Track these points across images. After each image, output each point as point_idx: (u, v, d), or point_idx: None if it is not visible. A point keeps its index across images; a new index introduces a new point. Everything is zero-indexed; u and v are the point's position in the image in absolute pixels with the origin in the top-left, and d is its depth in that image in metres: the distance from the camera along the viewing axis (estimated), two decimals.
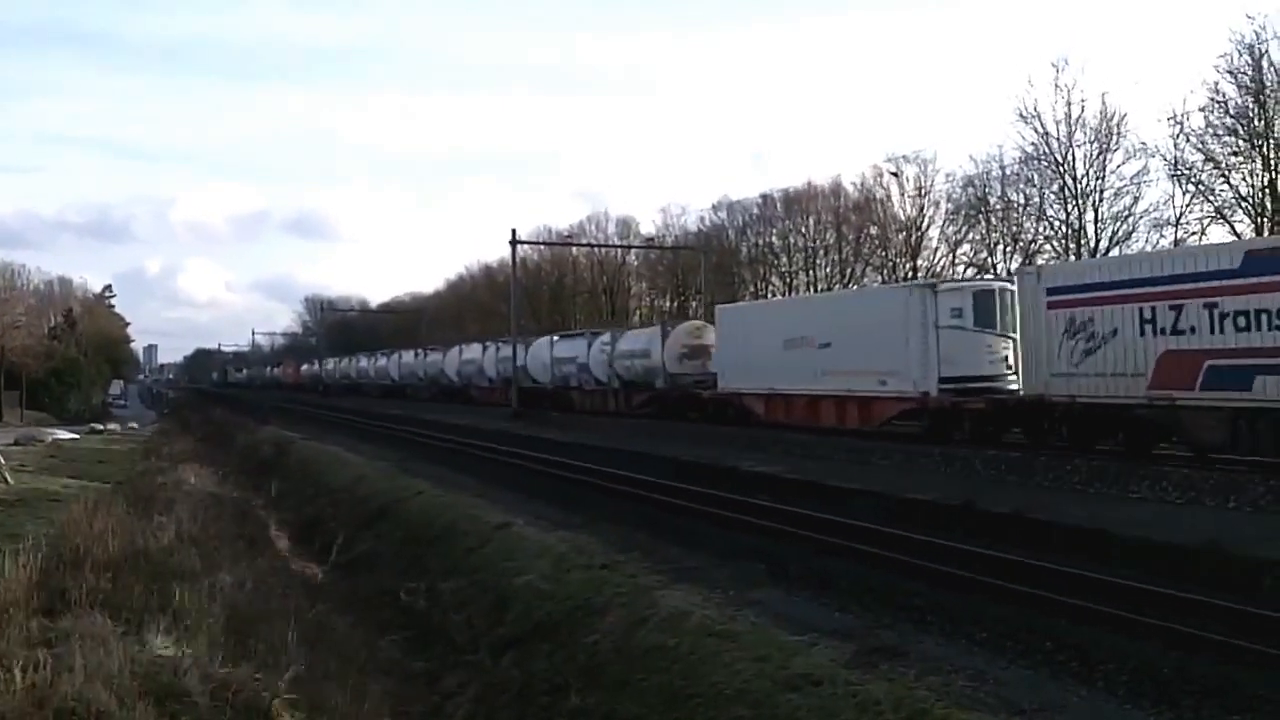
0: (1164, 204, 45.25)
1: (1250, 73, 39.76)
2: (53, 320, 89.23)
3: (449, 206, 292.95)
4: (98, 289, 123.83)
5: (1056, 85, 47.14)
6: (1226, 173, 41.44)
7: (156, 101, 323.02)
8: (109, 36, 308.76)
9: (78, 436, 49.43)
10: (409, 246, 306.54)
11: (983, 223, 53.71)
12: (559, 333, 61.61)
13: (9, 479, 25.51)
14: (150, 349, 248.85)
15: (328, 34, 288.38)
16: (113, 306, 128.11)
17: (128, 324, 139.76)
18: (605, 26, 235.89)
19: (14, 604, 10.92)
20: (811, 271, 67.12)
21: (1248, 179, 41.21)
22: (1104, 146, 47.13)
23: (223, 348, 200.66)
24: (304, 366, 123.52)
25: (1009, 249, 52.18)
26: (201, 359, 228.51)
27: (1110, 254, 46.96)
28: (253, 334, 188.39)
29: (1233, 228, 41.92)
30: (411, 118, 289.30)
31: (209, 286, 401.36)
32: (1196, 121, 41.33)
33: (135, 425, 72.75)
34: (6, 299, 72.05)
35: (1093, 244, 47.51)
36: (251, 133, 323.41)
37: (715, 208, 74.54)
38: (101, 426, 62.31)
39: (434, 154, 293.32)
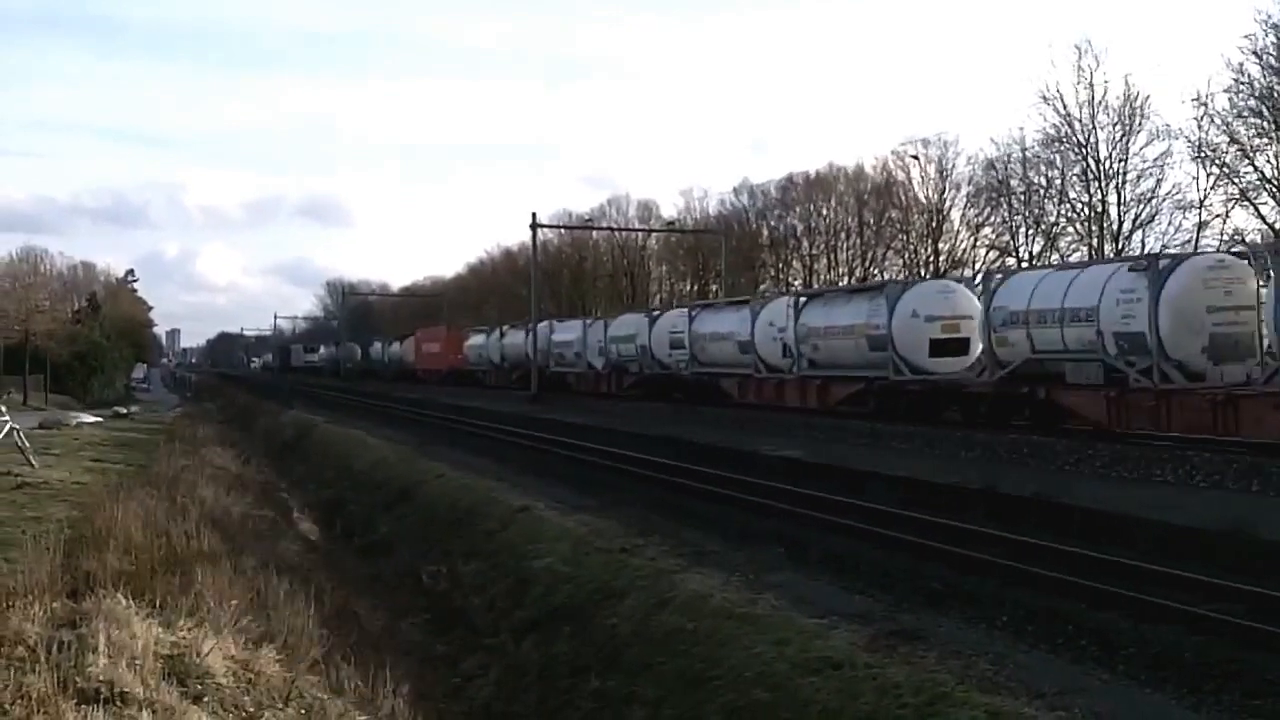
0: (1188, 186, 44.99)
1: (1276, 53, 39.41)
2: (76, 305, 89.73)
3: (463, 191, 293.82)
4: (120, 273, 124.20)
5: (1079, 67, 46.87)
6: (1251, 154, 41.13)
7: (165, 86, 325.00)
8: (115, 21, 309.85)
9: (101, 420, 49.64)
10: (425, 230, 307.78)
11: (1004, 206, 53.49)
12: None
13: (34, 462, 25.68)
14: (173, 333, 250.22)
15: (334, 19, 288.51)
16: (135, 291, 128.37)
17: (150, 308, 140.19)
18: (613, 10, 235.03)
19: (38, 586, 10.99)
20: (832, 255, 66.99)
21: (1272, 161, 40.90)
22: (1127, 128, 46.90)
23: (245, 331, 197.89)
24: (473, 339, 71.96)
25: (1031, 232, 52.00)
26: (224, 343, 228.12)
27: (1134, 236, 46.75)
28: (275, 318, 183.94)
29: (1257, 210, 41.66)
30: (421, 103, 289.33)
31: (227, 270, 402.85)
32: (1221, 103, 41.04)
33: (158, 409, 73.11)
34: (31, 284, 72.47)
35: (1115, 226, 47.26)
36: (261, 118, 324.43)
37: (736, 191, 74.55)
38: (125, 410, 62.56)
39: (446, 139, 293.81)
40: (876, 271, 62.08)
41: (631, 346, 47.27)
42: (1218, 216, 43.47)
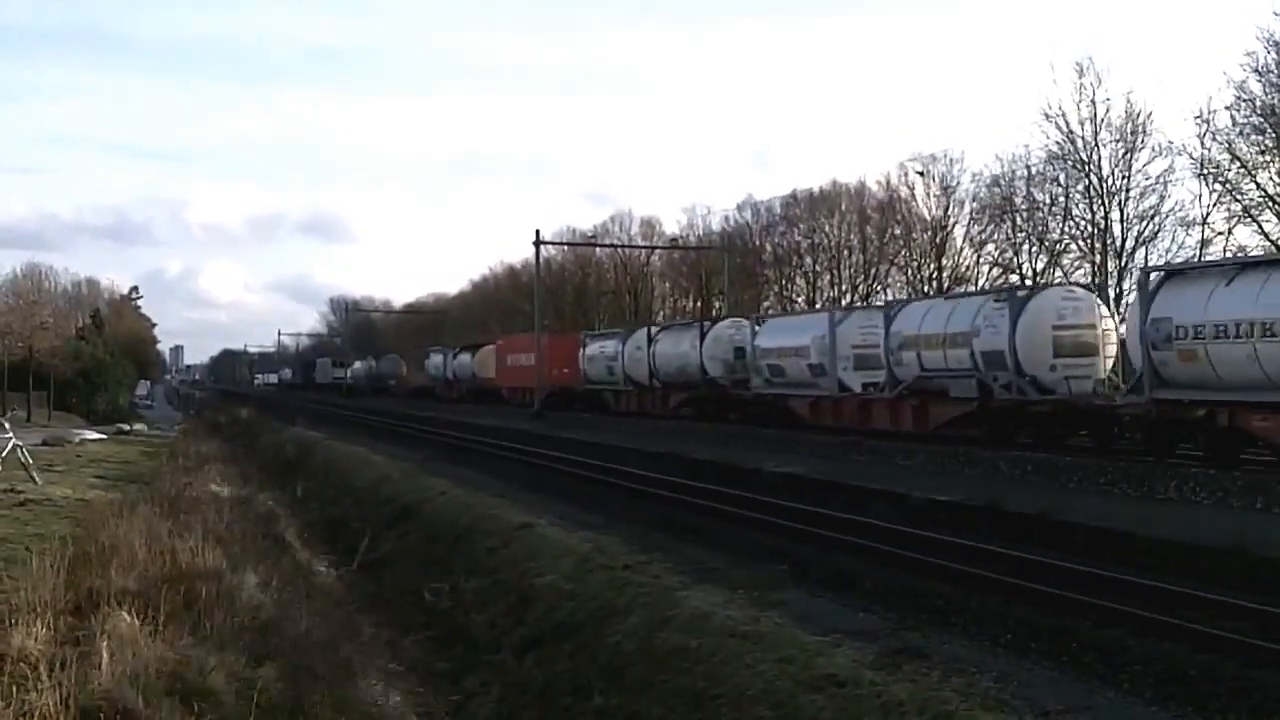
0: (1190, 203, 45.00)
1: (1277, 70, 39.46)
2: (80, 321, 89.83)
3: (466, 207, 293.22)
4: (124, 290, 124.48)
5: (1080, 85, 46.95)
6: (1253, 172, 41.14)
7: (167, 103, 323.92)
8: (117, 38, 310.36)
9: (105, 437, 49.69)
10: (428, 247, 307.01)
11: (1008, 223, 53.50)
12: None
13: (37, 479, 25.67)
14: (176, 350, 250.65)
15: (336, 35, 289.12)
16: (139, 307, 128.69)
17: (154, 325, 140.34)
18: (617, 26, 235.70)
19: (41, 603, 11.00)
20: (835, 272, 67.00)
21: (1275, 178, 40.89)
22: (1130, 146, 46.93)
23: (249, 348, 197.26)
24: (596, 346, 52.88)
25: (1034, 249, 51.99)
26: (227, 359, 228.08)
27: (1136, 253, 46.68)
28: (279, 334, 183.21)
29: (1260, 227, 41.63)
30: (422, 119, 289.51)
31: (229, 287, 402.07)
32: (1223, 120, 41.08)
33: (162, 426, 73.16)
34: (35, 300, 72.55)
35: (1119, 244, 47.28)
36: (262, 134, 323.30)
37: (739, 207, 74.68)
38: (128, 427, 62.60)
39: (447, 155, 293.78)
40: (879, 288, 62.11)
41: (960, 354, 27.57)
42: (1220, 234, 43.50)
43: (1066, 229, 49.92)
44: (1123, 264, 45.80)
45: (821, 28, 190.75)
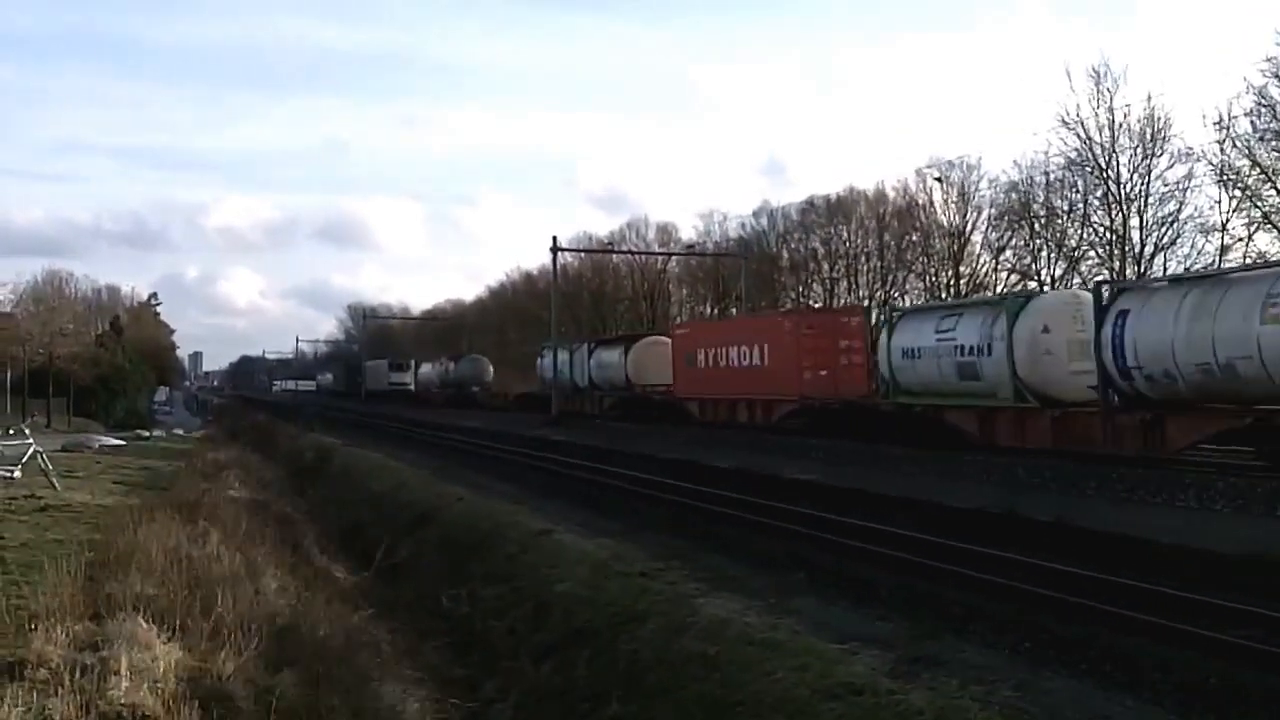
0: (1210, 209, 44.76)
1: None
2: (100, 328, 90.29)
3: (481, 214, 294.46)
4: (143, 296, 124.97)
5: (1098, 91, 46.79)
6: (1273, 178, 40.93)
7: (183, 110, 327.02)
8: (132, 43, 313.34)
9: (124, 443, 49.86)
10: (444, 254, 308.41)
11: (1026, 229, 53.33)
12: None
13: (56, 485, 25.79)
14: (195, 356, 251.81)
15: (351, 43, 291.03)
16: (158, 314, 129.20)
17: (173, 331, 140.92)
18: (626, 32, 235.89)
19: (61, 608, 11.05)
20: (852, 279, 66.91)
21: None
22: (1148, 151, 46.71)
23: (267, 354, 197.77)
24: (921, 324, 28.98)
25: (1053, 255, 51.80)
26: (246, 366, 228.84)
27: (1155, 260, 46.47)
28: (297, 341, 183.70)
29: None
30: (438, 127, 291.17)
31: (247, 293, 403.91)
32: (1243, 126, 40.87)
33: (180, 431, 73.37)
34: (55, 307, 72.99)
35: (1137, 250, 47.06)
36: (279, 140, 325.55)
37: (756, 214, 74.70)
38: (147, 433, 62.86)
39: (463, 162, 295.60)
40: (897, 294, 61.97)
41: None
42: (1240, 240, 43.26)
43: (1085, 235, 49.79)
44: (1141, 270, 45.58)
45: (838, 34, 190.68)
